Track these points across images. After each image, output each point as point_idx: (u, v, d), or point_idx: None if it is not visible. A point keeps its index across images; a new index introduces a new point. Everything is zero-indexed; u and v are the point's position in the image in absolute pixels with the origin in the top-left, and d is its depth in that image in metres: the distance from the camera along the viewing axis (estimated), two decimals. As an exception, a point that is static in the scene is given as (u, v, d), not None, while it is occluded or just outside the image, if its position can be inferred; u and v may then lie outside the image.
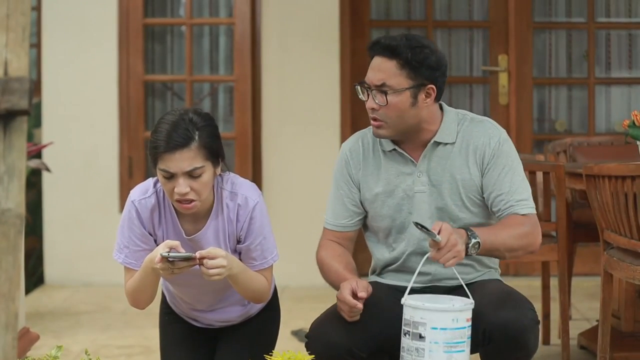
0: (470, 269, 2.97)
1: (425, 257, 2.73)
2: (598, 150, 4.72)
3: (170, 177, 2.74)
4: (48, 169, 5.45)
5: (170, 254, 2.68)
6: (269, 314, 3.10)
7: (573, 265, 4.61)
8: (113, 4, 5.94)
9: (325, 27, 5.91)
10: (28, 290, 5.81)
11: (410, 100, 2.84)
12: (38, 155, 5.69)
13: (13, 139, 1.73)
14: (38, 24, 6.13)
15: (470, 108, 6.17)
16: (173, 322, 3.11)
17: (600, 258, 3.57)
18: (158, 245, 2.83)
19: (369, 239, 3.07)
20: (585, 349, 4.19)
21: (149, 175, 2.97)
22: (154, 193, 2.87)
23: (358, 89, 2.90)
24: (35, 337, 3.96)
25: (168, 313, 3.12)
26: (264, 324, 3.09)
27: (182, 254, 2.69)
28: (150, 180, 2.90)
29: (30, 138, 6.27)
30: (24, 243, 5.22)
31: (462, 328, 2.63)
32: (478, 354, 2.84)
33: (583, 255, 5.54)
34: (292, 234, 5.63)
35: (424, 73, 2.83)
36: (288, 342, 4.37)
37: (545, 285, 4.32)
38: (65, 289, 5.86)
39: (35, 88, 5.98)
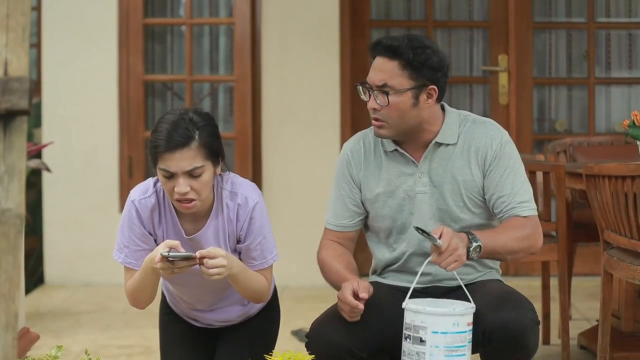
0: (471, 270, 2.96)
1: (427, 261, 2.73)
2: (598, 150, 4.72)
3: (171, 176, 2.73)
4: (48, 169, 5.45)
5: (171, 254, 2.68)
6: (269, 314, 3.10)
7: (573, 265, 4.61)
8: (113, 4, 5.94)
9: (325, 27, 5.91)
10: (28, 290, 5.80)
11: (412, 101, 2.84)
12: (38, 155, 5.69)
13: (13, 139, 1.73)
14: (38, 24, 6.13)
15: (470, 108, 6.17)
16: (173, 322, 3.11)
17: (600, 258, 3.56)
18: (158, 245, 2.83)
19: (370, 239, 3.07)
20: (585, 349, 4.19)
21: (149, 175, 2.97)
22: (154, 193, 2.86)
23: (360, 89, 2.90)
24: (35, 337, 3.95)
25: (168, 313, 3.12)
26: (264, 324, 3.09)
27: (182, 254, 2.69)
28: (150, 180, 2.90)
29: (30, 138, 6.27)
30: (24, 243, 5.21)
31: (462, 332, 2.62)
32: (478, 354, 2.84)
33: (583, 255, 5.54)
34: (292, 234, 5.63)
35: (426, 74, 2.83)
36: (288, 342, 4.37)
37: (545, 285, 4.32)
38: (65, 289, 5.86)
39: (35, 88, 5.98)
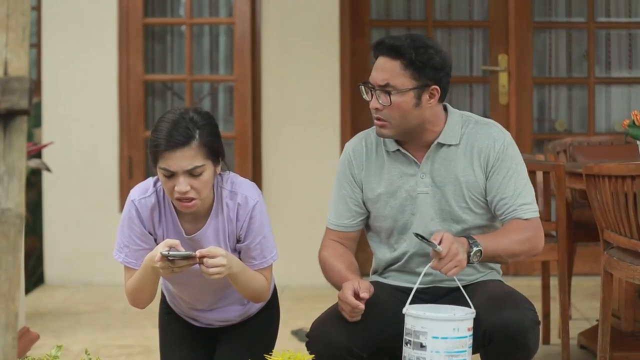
0: (472, 270, 2.96)
1: (427, 267, 2.73)
2: (598, 150, 4.72)
3: (171, 175, 2.73)
4: (48, 169, 5.45)
5: (171, 253, 2.68)
6: (269, 314, 3.10)
7: (573, 265, 4.61)
8: (113, 4, 5.94)
9: (325, 27, 5.91)
10: (28, 290, 5.80)
11: (414, 101, 2.84)
12: (38, 155, 5.68)
13: (13, 139, 1.73)
14: (38, 24, 6.13)
15: (470, 108, 6.17)
16: (173, 321, 3.11)
17: (600, 258, 3.56)
18: (158, 245, 2.84)
19: (371, 239, 3.06)
20: (585, 349, 4.19)
21: (149, 175, 2.97)
22: (154, 192, 2.86)
23: (362, 89, 2.90)
24: (35, 336, 3.95)
25: (168, 313, 3.12)
26: (264, 324, 3.09)
27: (182, 253, 2.69)
28: (150, 180, 2.90)
29: (30, 138, 6.27)
30: (24, 243, 5.21)
31: (463, 337, 2.62)
32: (478, 355, 2.84)
33: (583, 255, 5.54)
34: (292, 234, 5.63)
35: (428, 73, 2.83)
36: (288, 341, 4.37)
37: (545, 285, 4.32)
38: (65, 289, 5.86)
39: (35, 88, 5.98)
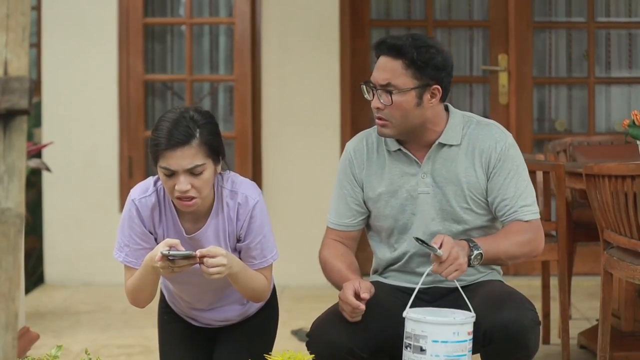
0: (473, 270, 2.96)
1: (428, 270, 2.73)
2: (598, 150, 4.72)
3: (171, 174, 2.74)
4: (48, 169, 5.45)
5: (171, 252, 2.68)
6: (268, 313, 3.10)
7: (573, 265, 4.61)
8: (113, 4, 5.94)
9: (325, 27, 5.91)
10: (28, 290, 5.80)
11: (416, 100, 2.84)
12: (38, 155, 5.68)
13: (13, 139, 1.73)
14: (38, 24, 6.13)
15: (470, 108, 6.17)
16: (172, 321, 3.11)
17: (600, 257, 3.56)
18: (158, 244, 2.84)
19: (372, 239, 3.06)
20: (585, 349, 4.19)
21: (149, 175, 2.97)
22: (154, 192, 2.87)
23: (363, 89, 2.90)
24: (35, 336, 3.95)
25: (167, 312, 3.12)
26: (263, 323, 3.09)
27: (182, 252, 2.69)
28: (151, 179, 2.90)
29: (30, 138, 6.27)
30: (24, 243, 5.21)
31: (463, 341, 2.62)
32: (479, 355, 2.84)
33: (583, 255, 5.54)
34: (292, 234, 5.63)
35: (430, 73, 2.83)
36: (288, 341, 4.37)
37: (545, 285, 4.32)
38: (65, 289, 5.86)
39: (35, 88, 5.98)
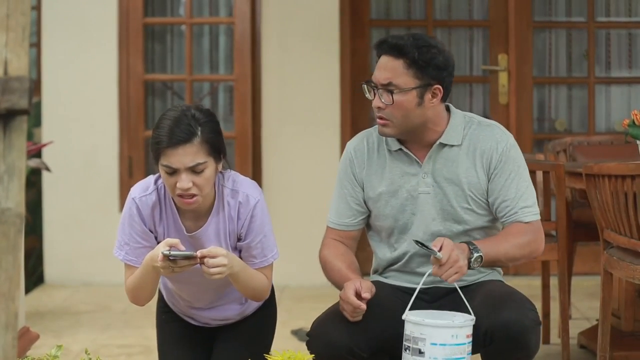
0: (473, 271, 2.95)
1: (427, 273, 2.73)
2: (598, 150, 4.72)
3: (173, 172, 2.74)
4: (48, 169, 5.45)
5: (172, 253, 2.68)
6: (266, 312, 3.10)
7: (573, 265, 4.61)
8: (113, 4, 5.94)
9: (325, 26, 5.91)
10: (28, 290, 5.80)
11: (417, 100, 2.84)
12: (38, 155, 5.69)
13: (13, 139, 1.73)
14: (38, 24, 6.13)
15: (470, 107, 6.18)
16: (170, 321, 3.11)
17: (600, 257, 3.56)
18: (158, 243, 2.84)
19: (372, 238, 3.06)
20: (585, 348, 4.19)
21: (149, 175, 2.97)
22: (155, 190, 2.87)
23: (365, 88, 2.90)
24: (35, 336, 3.95)
25: (165, 312, 3.12)
26: (261, 323, 3.09)
27: (183, 253, 2.69)
28: (151, 178, 2.91)
29: (30, 137, 6.27)
30: (24, 242, 5.21)
31: (461, 344, 2.62)
32: (479, 355, 2.84)
33: (583, 255, 5.54)
34: (292, 234, 5.63)
35: (431, 73, 2.83)
36: (288, 341, 4.37)
37: (545, 285, 4.32)
38: (65, 289, 5.86)
39: (35, 87, 5.98)
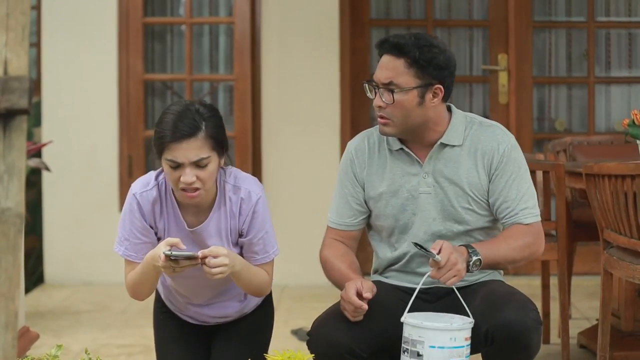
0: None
1: (426, 276, 2.73)
2: (598, 150, 4.72)
3: (177, 166, 2.74)
4: (48, 168, 5.45)
5: (173, 253, 2.68)
6: (264, 311, 3.11)
7: (573, 265, 4.61)
8: (113, 4, 5.94)
9: (325, 26, 5.91)
10: (28, 290, 5.81)
11: (417, 100, 2.84)
12: (38, 155, 5.69)
13: (13, 138, 1.73)
14: (38, 23, 6.13)
15: (470, 107, 6.18)
16: (168, 320, 3.10)
17: (600, 257, 3.56)
18: (158, 238, 2.87)
19: (372, 238, 3.06)
20: (585, 348, 4.19)
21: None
22: (156, 186, 2.87)
23: (366, 87, 2.90)
24: (35, 336, 3.95)
25: (163, 312, 3.11)
26: (260, 320, 3.09)
27: (184, 253, 2.70)
28: (152, 173, 2.91)
29: (30, 137, 6.27)
30: (24, 242, 5.22)
31: (460, 347, 2.62)
32: (480, 355, 2.84)
33: (583, 255, 5.54)
34: (292, 234, 5.63)
35: (432, 72, 2.82)
36: (288, 341, 4.37)
37: (545, 285, 4.32)
38: (65, 288, 5.86)
39: (35, 87, 5.98)
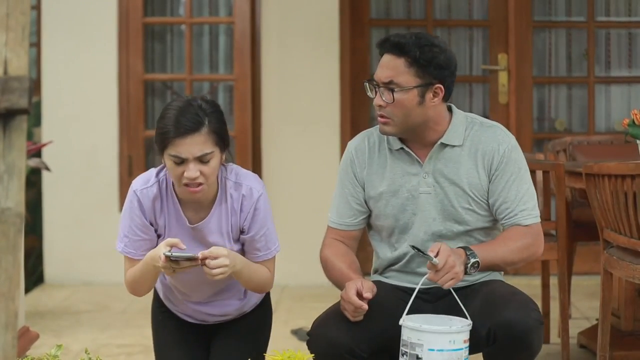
0: (475, 271, 2.96)
1: (424, 278, 2.73)
2: (598, 149, 4.72)
3: (181, 162, 2.75)
4: (48, 168, 5.45)
5: (174, 254, 2.68)
6: (263, 309, 3.11)
7: (573, 264, 4.61)
8: (113, 4, 5.94)
9: (325, 26, 5.91)
10: (28, 289, 5.81)
11: (417, 99, 2.84)
12: (38, 154, 5.69)
13: (13, 138, 1.73)
14: (38, 23, 6.13)
15: (470, 107, 6.18)
16: (167, 320, 3.10)
17: (600, 257, 3.56)
18: (159, 235, 2.88)
19: (373, 238, 3.06)
20: (585, 348, 4.19)
21: (149, 173, 2.97)
22: (156, 182, 2.88)
23: (366, 86, 2.90)
24: (35, 336, 3.95)
25: (162, 312, 3.11)
26: (259, 319, 3.09)
27: (185, 254, 2.70)
28: (153, 170, 2.91)
29: (30, 137, 6.27)
30: (24, 242, 5.22)
31: (459, 349, 2.62)
32: (481, 354, 2.83)
33: (583, 254, 5.54)
34: (292, 233, 5.63)
35: (432, 72, 2.82)
36: (287, 341, 4.37)
37: (545, 284, 4.32)
38: (65, 288, 5.86)
39: (35, 87, 5.98)
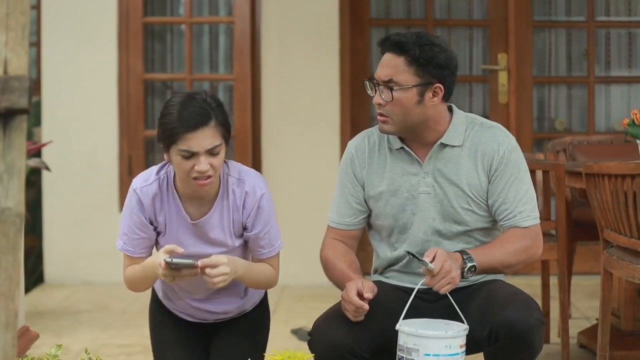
0: (475, 272, 2.96)
1: (420, 283, 2.73)
2: (598, 149, 4.72)
3: (191, 156, 2.75)
4: (48, 168, 5.45)
5: (174, 261, 2.68)
6: (261, 309, 3.11)
7: (573, 264, 4.61)
8: (113, 3, 5.94)
9: (325, 25, 5.91)
10: (28, 289, 5.81)
11: (417, 98, 2.83)
12: (38, 154, 5.69)
13: (13, 138, 1.73)
14: (38, 23, 6.13)
15: (470, 107, 6.18)
16: (166, 320, 3.10)
17: (600, 257, 3.56)
18: (158, 233, 2.89)
19: (373, 237, 3.06)
20: (585, 348, 4.19)
21: (149, 172, 2.97)
22: (156, 180, 2.88)
23: (367, 85, 2.90)
24: (35, 335, 3.95)
25: (161, 312, 3.11)
26: (258, 319, 3.10)
27: (185, 261, 2.70)
28: (153, 168, 2.92)
29: (30, 137, 6.27)
30: (24, 242, 5.21)
31: (455, 354, 2.61)
32: (482, 354, 2.83)
33: (583, 254, 5.54)
34: (292, 233, 5.60)
35: (432, 71, 2.82)
36: (288, 340, 4.37)
37: (545, 284, 4.32)
38: (65, 288, 5.86)
39: (35, 87, 5.98)
